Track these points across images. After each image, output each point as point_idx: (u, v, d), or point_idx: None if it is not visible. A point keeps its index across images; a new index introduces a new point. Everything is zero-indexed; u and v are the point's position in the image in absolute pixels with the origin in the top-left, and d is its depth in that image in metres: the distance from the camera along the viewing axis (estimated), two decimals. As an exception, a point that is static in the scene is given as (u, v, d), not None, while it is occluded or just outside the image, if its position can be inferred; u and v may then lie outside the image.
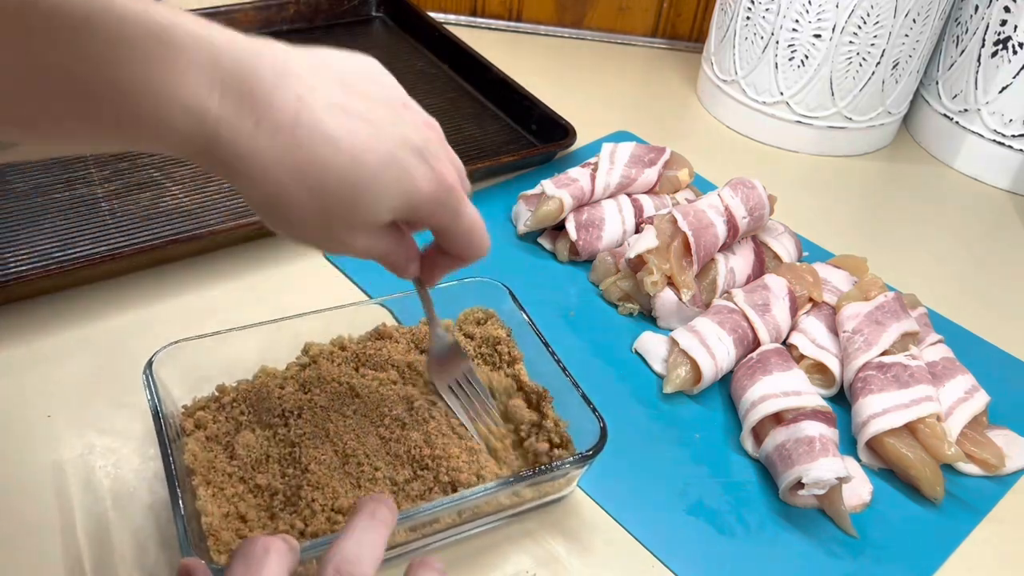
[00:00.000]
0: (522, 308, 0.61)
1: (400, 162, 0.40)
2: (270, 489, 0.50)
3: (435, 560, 0.39)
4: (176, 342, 0.54)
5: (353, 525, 0.38)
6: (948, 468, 0.62)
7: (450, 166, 0.43)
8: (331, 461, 0.51)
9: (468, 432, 0.55)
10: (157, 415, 0.50)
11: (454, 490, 0.51)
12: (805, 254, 0.80)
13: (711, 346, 0.65)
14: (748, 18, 0.95)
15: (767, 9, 0.93)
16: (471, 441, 0.54)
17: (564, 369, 0.56)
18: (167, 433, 0.50)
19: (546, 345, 0.58)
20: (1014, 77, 0.92)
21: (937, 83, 1.01)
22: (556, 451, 0.54)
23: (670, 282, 0.71)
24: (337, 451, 0.52)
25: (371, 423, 0.54)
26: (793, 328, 0.70)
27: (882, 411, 0.61)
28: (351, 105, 0.39)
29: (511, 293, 0.62)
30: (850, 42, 0.91)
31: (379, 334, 0.60)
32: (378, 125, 0.39)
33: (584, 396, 0.54)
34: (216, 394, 0.55)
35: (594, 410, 0.53)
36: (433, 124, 0.44)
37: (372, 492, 0.50)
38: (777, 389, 0.62)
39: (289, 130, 0.36)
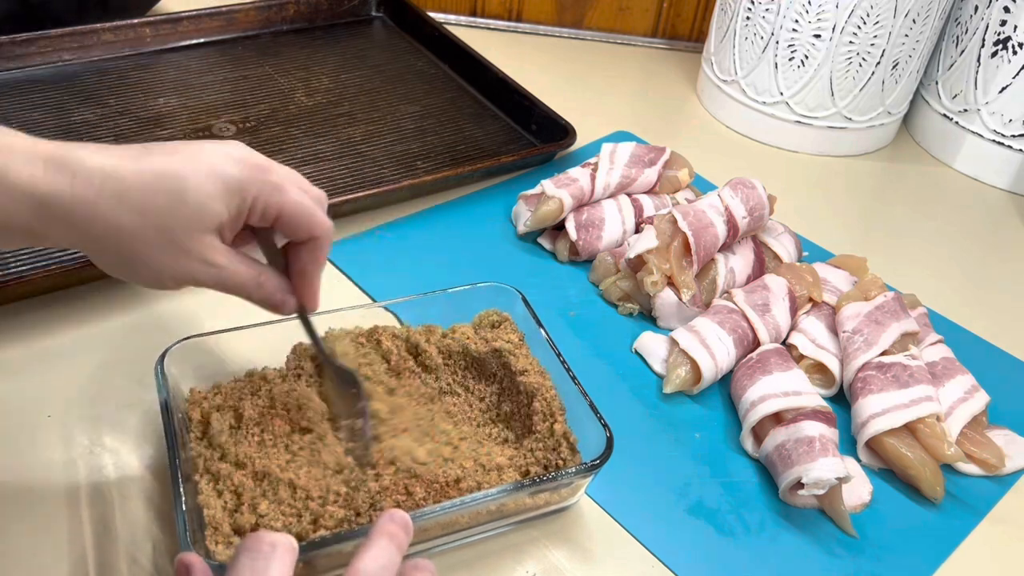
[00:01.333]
0: (534, 314, 0.61)
1: (207, 156, 0.45)
2: (274, 486, 0.50)
3: (428, 563, 0.39)
4: (188, 338, 0.54)
5: (371, 542, 0.39)
6: (948, 468, 0.62)
7: (260, 156, 0.48)
8: (338, 459, 0.51)
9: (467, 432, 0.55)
10: (166, 408, 0.50)
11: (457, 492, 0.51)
12: (805, 254, 0.80)
13: (711, 346, 0.65)
14: (748, 18, 0.95)
15: (767, 9, 0.93)
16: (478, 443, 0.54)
17: (574, 378, 0.56)
18: (174, 427, 0.50)
19: (558, 354, 0.58)
20: (1014, 77, 0.92)
21: (937, 83, 1.01)
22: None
23: (670, 282, 0.71)
24: (341, 449, 0.52)
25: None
26: (793, 328, 0.70)
27: (882, 411, 0.61)
28: (151, 148, 0.45)
29: (523, 298, 0.62)
30: (850, 42, 0.91)
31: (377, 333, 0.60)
32: (180, 150, 0.46)
33: (592, 405, 0.54)
34: (221, 387, 0.55)
35: (601, 419, 0.53)
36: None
37: (381, 491, 0.50)
38: (777, 389, 0.62)
39: (102, 175, 0.43)
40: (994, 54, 0.93)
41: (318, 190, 0.50)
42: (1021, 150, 0.95)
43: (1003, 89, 0.94)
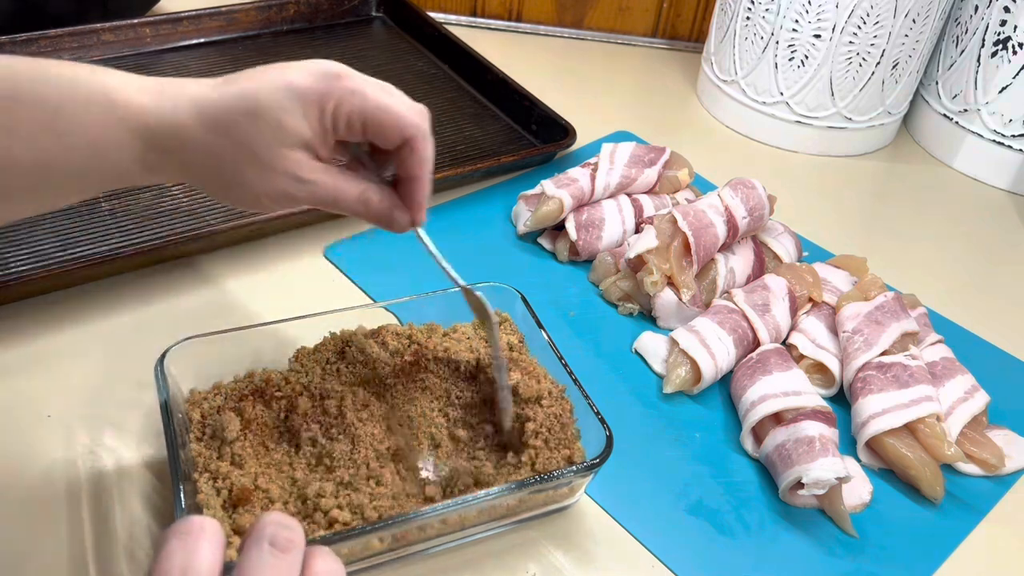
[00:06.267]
0: (534, 314, 0.61)
1: (285, 73, 0.45)
2: (273, 485, 0.50)
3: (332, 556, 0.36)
4: (188, 338, 0.54)
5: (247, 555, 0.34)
6: (948, 468, 0.62)
7: (340, 66, 0.47)
8: (340, 457, 0.51)
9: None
10: (166, 408, 0.50)
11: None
12: (805, 254, 0.80)
13: (711, 346, 0.65)
14: (748, 18, 0.95)
15: (767, 9, 0.93)
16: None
17: (575, 380, 0.56)
18: (174, 427, 0.50)
19: (557, 353, 0.58)
20: (1014, 77, 0.92)
21: (937, 83, 1.01)
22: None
23: (670, 282, 0.71)
24: (342, 448, 0.52)
25: (381, 418, 0.54)
26: (793, 328, 0.70)
27: (882, 411, 0.61)
28: (240, 74, 0.46)
29: (523, 298, 0.62)
30: (850, 42, 0.91)
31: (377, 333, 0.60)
32: (263, 71, 0.46)
33: (592, 405, 0.54)
34: (221, 388, 0.55)
35: (601, 419, 0.53)
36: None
37: (377, 490, 0.50)
38: (777, 389, 0.62)
39: (196, 101, 0.45)
40: (994, 54, 0.93)
41: (412, 101, 0.48)
42: (1021, 150, 0.95)
43: (1003, 89, 0.94)
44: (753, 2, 0.94)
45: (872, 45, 0.91)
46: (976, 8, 0.94)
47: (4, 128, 0.41)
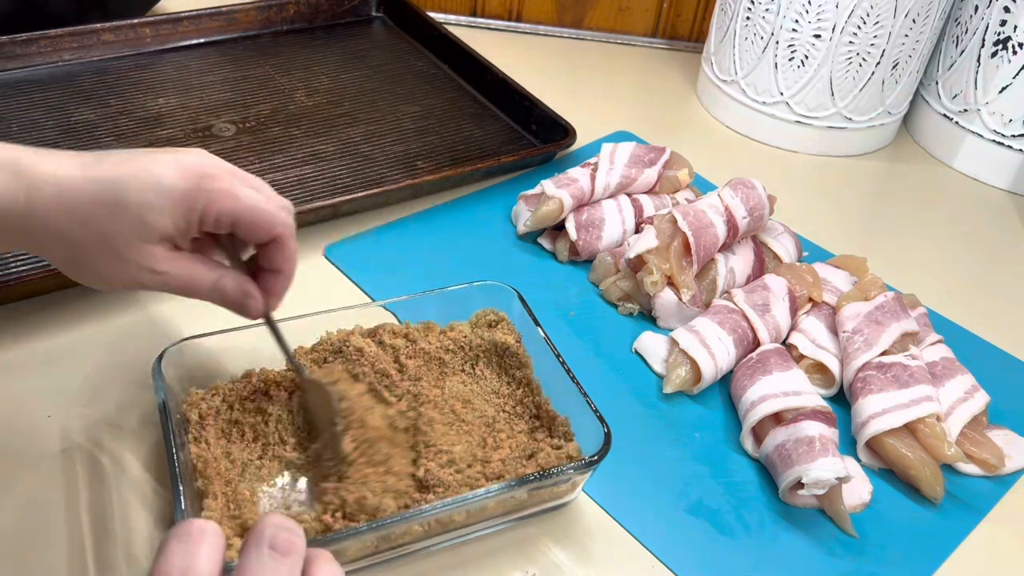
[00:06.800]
0: (531, 313, 0.61)
1: (154, 166, 0.45)
2: (273, 484, 0.50)
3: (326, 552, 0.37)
4: (185, 339, 0.54)
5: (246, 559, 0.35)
6: (948, 468, 0.62)
7: (214, 163, 0.47)
8: (339, 456, 0.51)
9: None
10: (164, 409, 0.50)
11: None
12: (805, 254, 0.80)
13: (711, 346, 0.65)
14: (748, 18, 0.95)
15: (767, 9, 0.93)
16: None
17: (573, 378, 0.56)
18: (172, 428, 0.50)
19: (554, 350, 0.58)
20: (1014, 77, 0.92)
21: (937, 83, 1.01)
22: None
23: (670, 282, 0.71)
24: (340, 447, 0.52)
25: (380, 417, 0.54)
26: (793, 328, 0.70)
27: (882, 411, 0.61)
28: (105, 157, 0.45)
29: (520, 296, 0.62)
30: (850, 42, 0.91)
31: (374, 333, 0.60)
32: (130, 160, 0.45)
33: (590, 402, 0.54)
34: (219, 388, 0.55)
35: (599, 416, 0.53)
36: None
37: (380, 488, 0.50)
38: (777, 389, 0.62)
39: (53, 184, 0.44)
40: (994, 54, 0.93)
41: (280, 198, 0.49)
42: (1021, 150, 0.95)
43: (1003, 89, 0.94)
44: (753, 2, 0.94)
45: (872, 45, 0.91)
46: (976, 8, 0.94)
47: None
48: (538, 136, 0.92)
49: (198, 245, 0.49)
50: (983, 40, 0.94)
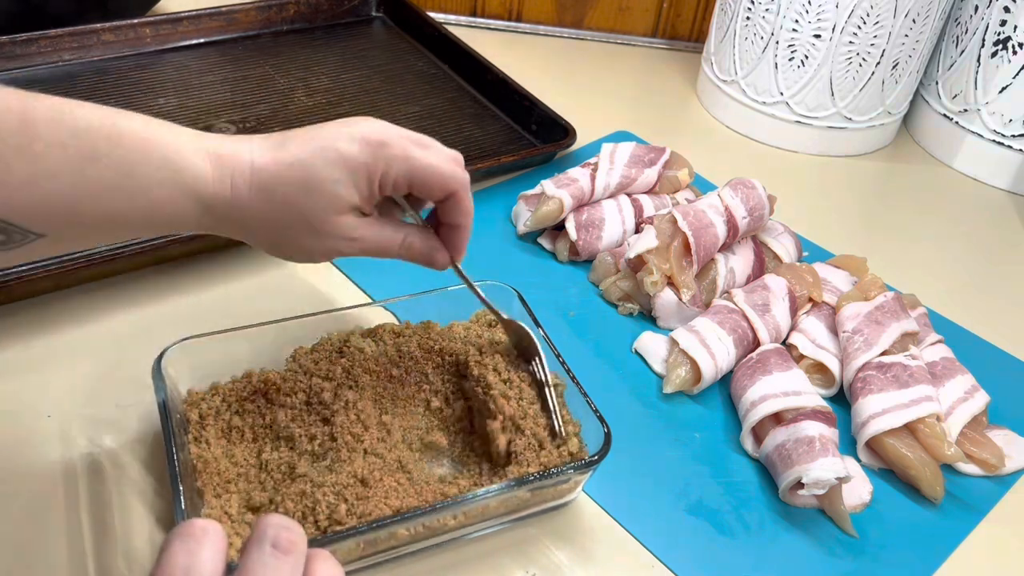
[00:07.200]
0: (530, 312, 0.61)
1: (333, 142, 0.48)
2: (272, 484, 0.50)
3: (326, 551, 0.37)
4: (187, 338, 0.54)
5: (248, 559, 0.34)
6: (948, 468, 0.62)
7: (383, 129, 0.49)
8: (343, 454, 0.51)
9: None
10: (164, 409, 0.50)
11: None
12: (805, 254, 0.80)
13: (711, 346, 0.65)
14: (748, 18, 0.95)
15: (767, 9, 0.93)
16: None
17: (573, 378, 0.56)
18: (172, 428, 0.50)
19: (554, 350, 0.58)
20: (1014, 77, 0.92)
21: (937, 83, 1.01)
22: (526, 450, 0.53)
23: (670, 282, 0.71)
24: (340, 447, 0.52)
25: (379, 415, 0.54)
26: (793, 328, 0.70)
27: (882, 411, 0.61)
28: (290, 137, 0.48)
29: (520, 296, 0.62)
30: (850, 42, 0.91)
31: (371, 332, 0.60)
32: (313, 137, 0.48)
33: (590, 402, 0.54)
34: (219, 388, 0.55)
35: (599, 416, 0.53)
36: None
37: (376, 487, 0.50)
38: (777, 389, 0.62)
39: (251, 171, 0.47)
40: (994, 54, 0.93)
41: (451, 150, 0.51)
42: (1021, 150, 0.95)
43: (1003, 89, 0.94)
44: (753, 2, 0.94)
45: (872, 45, 0.91)
46: (976, 8, 0.94)
47: (76, 186, 0.42)
48: (538, 136, 0.92)
49: (381, 210, 0.52)
50: (983, 40, 0.94)
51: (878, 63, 0.92)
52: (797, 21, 0.91)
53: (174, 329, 0.57)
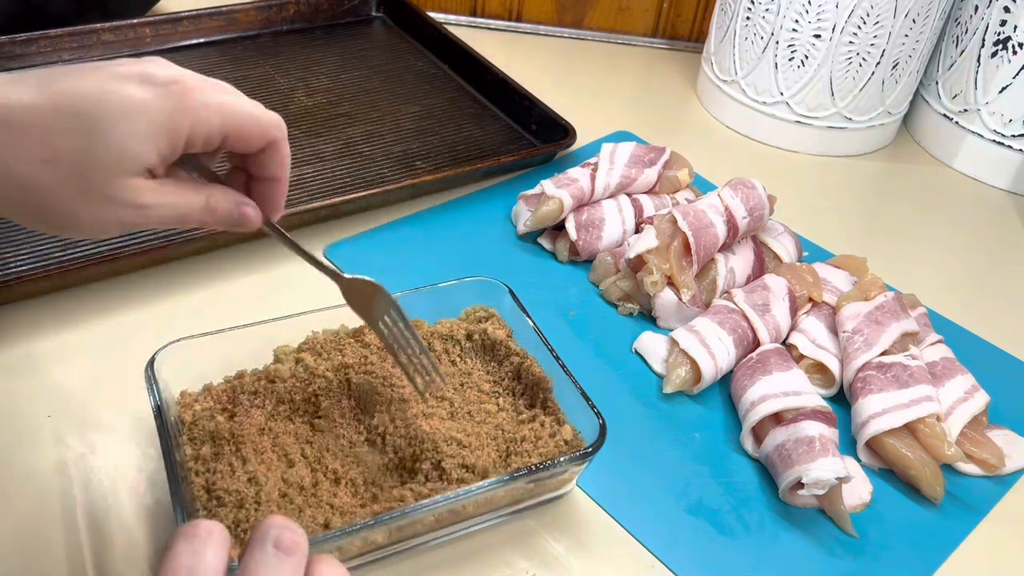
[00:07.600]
0: (522, 307, 0.61)
1: (124, 85, 0.38)
2: (270, 483, 0.50)
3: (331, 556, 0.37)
4: (178, 340, 0.54)
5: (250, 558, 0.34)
6: (948, 468, 0.62)
7: (177, 70, 0.40)
8: (336, 454, 0.51)
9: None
10: (158, 412, 0.50)
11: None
12: (805, 254, 0.80)
13: (711, 346, 0.65)
14: (748, 18, 0.95)
15: (767, 9, 0.93)
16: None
17: (564, 367, 0.56)
18: (168, 430, 0.50)
19: (546, 343, 0.58)
20: (1014, 77, 0.92)
21: (937, 83, 1.01)
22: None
23: (670, 282, 0.71)
24: (338, 447, 0.52)
25: (369, 415, 0.54)
26: (793, 328, 0.70)
27: (882, 411, 0.61)
28: (61, 72, 0.38)
29: (511, 292, 0.62)
30: (850, 42, 0.91)
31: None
32: (82, 74, 0.38)
33: (584, 393, 0.54)
34: (212, 389, 0.55)
35: (593, 408, 0.53)
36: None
37: (370, 487, 0.50)
38: (777, 389, 0.62)
39: (7, 111, 0.36)
40: (994, 54, 0.93)
41: (253, 100, 0.43)
42: (1021, 150, 0.95)
43: (1003, 89, 0.94)
44: (753, 2, 0.94)
45: (872, 45, 0.91)
46: (976, 8, 0.94)
47: None
48: (538, 136, 0.92)
49: (168, 169, 0.42)
50: (983, 40, 0.94)
51: (878, 63, 0.92)
52: (797, 21, 0.91)
53: (174, 330, 0.57)
